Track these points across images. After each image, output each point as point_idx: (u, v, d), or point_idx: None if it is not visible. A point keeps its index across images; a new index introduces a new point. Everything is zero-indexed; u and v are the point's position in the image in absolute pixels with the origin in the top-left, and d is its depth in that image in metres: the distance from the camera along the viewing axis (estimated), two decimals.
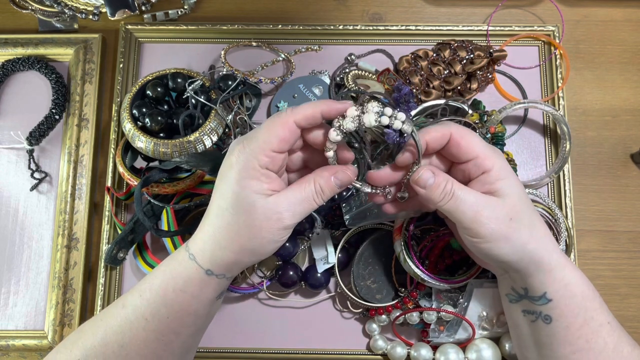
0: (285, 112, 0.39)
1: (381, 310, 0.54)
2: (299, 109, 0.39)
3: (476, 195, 0.40)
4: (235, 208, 0.39)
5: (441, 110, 0.58)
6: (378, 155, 0.58)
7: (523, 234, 0.40)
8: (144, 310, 0.40)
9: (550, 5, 0.65)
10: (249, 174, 0.38)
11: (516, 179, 0.41)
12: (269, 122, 0.39)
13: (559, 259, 0.41)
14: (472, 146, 0.40)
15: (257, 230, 0.38)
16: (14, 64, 0.62)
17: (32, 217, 0.59)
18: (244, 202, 0.38)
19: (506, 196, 0.39)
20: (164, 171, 0.53)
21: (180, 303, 0.40)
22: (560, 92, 0.61)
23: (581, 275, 0.42)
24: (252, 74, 0.60)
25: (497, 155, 0.41)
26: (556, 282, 0.41)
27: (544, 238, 0.41)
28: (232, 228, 0.39)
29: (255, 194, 0.38)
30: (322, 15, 0.66)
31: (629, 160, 0.61)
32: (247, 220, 0.38)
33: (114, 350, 0.40)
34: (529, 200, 0.42)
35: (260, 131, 0.39)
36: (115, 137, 0.60)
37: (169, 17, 0.65)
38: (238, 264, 0.41)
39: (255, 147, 0.38)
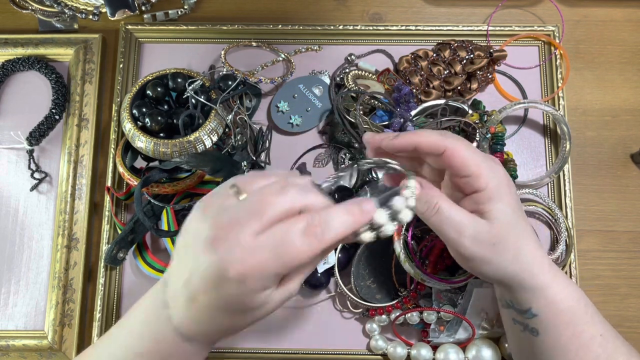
0: (312, 239, 0.30)
1: (381, 310, 0.54)
2: (331, 232, 0.31)
3: (462, 215, 0.38)
4: (241, 316, 0.33)
5: (441, 110, 0.58)
6: None
7: (505, 258, 0.39)
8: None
9: (550, 5, 0.65)
10: (255, 290, 0.31)
11: (510, 199, 0.39)
12: (289, 242, 0.30)
13: (544, 280, 0.40)
14: (466, 163, 0.38)
15: (267, 314, 0.34)
16: (14, 64, 0.62)
17: (32, 217, 0.59)
18: (252, 310, 0.33)
19: (494, 219, 0.38)
20: (164, 171, 0.53)
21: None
22: (560, 92, 0.61)
23: (572, 290, 0.41)
24: (252, 74, 0.60)
25: (492, 173, 0.39)
26: (541, 299, 0.40)
27: (530, 262, 0.40)
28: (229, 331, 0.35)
29: (266, 298, 0.33)
30: (322, 15, 0.66)
31: (629, 160, 0.61)
32: (257, 316, 0.34)
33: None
34: (521, 221, 0.40)
35: (275, 247, 0.30)
36: (115, 137, 0.60)
37: (169, 17, 0.65)
38: (222, 334, 0.36)
39: (264, 266, 0.30)
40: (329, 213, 0.31)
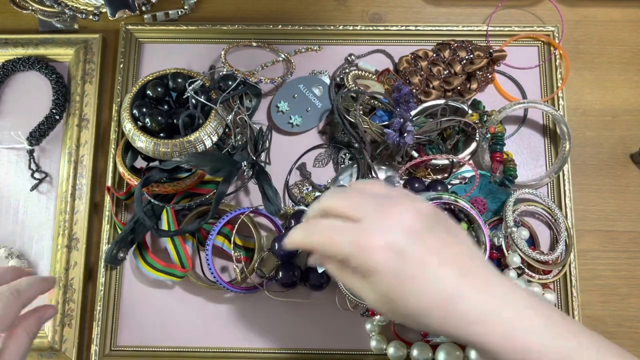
0: (16, 296, 0.41)
1: None
2: (23, 295, 0.42)
3: (357, 284, 0.35)
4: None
5: (441, 110, 0.58)
6: (378, 155, 0.58)
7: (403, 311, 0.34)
8: None
9: (549, 5, 0.65)
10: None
11: (386, 274, 0.33)
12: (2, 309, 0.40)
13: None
14: (335, 253, 0.34)
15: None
16: (15, 64, 0.62)
17: (32, 217, 0.60)
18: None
19: (373, 289, 0.35)
20: (164, 171, 0.53)
21: None
22: (559, 92, 0.61)
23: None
24: (252, 74, 0.60)
25: (363, 249, 0.33)
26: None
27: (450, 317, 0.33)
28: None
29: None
30: (322, 15, 0.66)
31: (628, 160, 0.61)
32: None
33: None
34: (400, 293, 0.34)
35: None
36: (116, 137, 0.60)
37: (169, 17, 0.65)
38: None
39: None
40: (26, 285, 0.44)
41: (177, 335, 0.56)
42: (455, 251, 0.34)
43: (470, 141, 0.58)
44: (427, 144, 0.58)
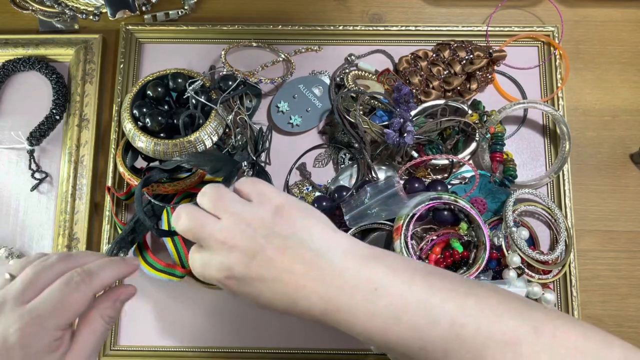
0: (81, 284, 0.36)
1: None
2: (96, 278, 0.37)
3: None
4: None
5: (441, 110, 0.58)
6: (378, 155, 0.58)
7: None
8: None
9: (549, 5, 0.65)
10: (42, 349, 0.34)
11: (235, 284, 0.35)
12: (62, 297, 0.35)
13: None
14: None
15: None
16: (15, 65, 0.62)
17: (32, 217, 0.60)
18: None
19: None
20: (165, 171, 0.53)
21: None
22: (559, 93, 0.61)
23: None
24: (252, 74, 0.60)
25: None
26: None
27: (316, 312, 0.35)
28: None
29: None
30: (322, 16, 0.66)
31: (628, 161, 0.61)
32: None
33: None
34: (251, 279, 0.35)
35: (50, 303, 0.35)
36: (116, 137, 0.60)
37: (169, 17, 0.65)
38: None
39: (45, 323, 0.34)
40: (98, 267, 0.38)
41: (177, 335, 0.56)
42: (299, 239, 0.35)
43: (470, 141, 0.58)
44: (427, 144, 0.58)
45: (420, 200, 0.53)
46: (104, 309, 0.39)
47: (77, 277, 0.36)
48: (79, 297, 0.36)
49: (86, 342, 0.37)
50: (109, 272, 0.38)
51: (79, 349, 0.36)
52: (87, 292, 0.36)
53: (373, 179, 0.58)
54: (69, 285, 0.36)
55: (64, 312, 0.35)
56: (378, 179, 0.57)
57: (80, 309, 0.36)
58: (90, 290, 0.37)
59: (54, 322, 0.34)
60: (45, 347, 0.34)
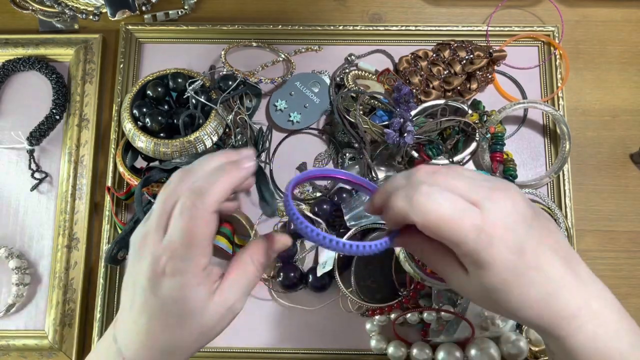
0: (192, 208, 0.32)
1: (381, 310, 0.54)
2: (207, 196, 0.32)
3: (446, 268, 0.34)
4: (180, 324, 0.33)
5: (441, 110, 0.58)
6: (378, 155, 0.58)
7: (508, 307, 0.32)
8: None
9: (549, 5, 0.65)
10: (190, 281, 0.32)
11: (498, 265, 0.31)
12: (183, 226, 0.32)
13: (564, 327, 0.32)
14: (446, 239, 0.31)
15: (211, 331, 0.34)
16: (15, 64, 0.62)
17: (32, 217, 0.60)
18: (191, 315, 0.32)
19: (474, 281, 0.32)
20: (164, 171, 0.53)
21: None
22: (559, 92, 0.61)
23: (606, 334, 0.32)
24: (252, 74, 0.60)
25: (478, 236, 0.30)
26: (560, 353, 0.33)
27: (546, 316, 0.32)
28: (181, 344, 0.33)
29: (202, 302, 0.33)
30: (322, 15, 0.66)
31: (628, 161, 0.61)
32: (197, 328, 0.33)
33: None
34: (513, 278, 0.31)
35: (177, 234, 0.32)
36: (116, 137, 0.60)
37: (169, 17, 0.65)
38: (189, 355, 0.35)
39: (184, 253, 0.32)
40: (206, 181, 0.33)
41: None
42: (556, 238, 0.32)
43: (470, 141, 0.58)
44: (427, 144, 0.58)
45: None
46: (255, 254, 0.35)
47: (188, 202, 0.32)
48: (198, 221, 0.32)
49: (235, 282, 0.34)
50: (220, 184, 0.33)
51: (228, 288, 0.34)
52: (204, 214, 0.32)
53: (373, 179, 0.58)
54: (183, 213, 0.32)
55: (193, 240, 0.32)
56: (378, 179, 0.57)
57: (207, 232, 0.32)
58: (206, 211, 0.32)
59: (191, 252, 0.32)
60: (193, 277, 0.32)
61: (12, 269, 0.56)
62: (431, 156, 0.58)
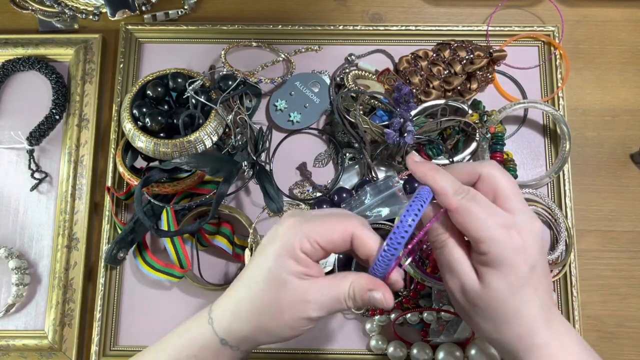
0: (350, 219, 0.37)
1: (381, 311, 0.54)
2: (365, 230, 0.36)
3: (462, 265, 0.36)
4: (265, 283, 0.36)
5: (441, 110, 0.58)
6: (378, 155, 0.58)
7: (491, 326, 0.36)
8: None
9: (550, 5, 0.65)
10: (289, 253, 0.36)
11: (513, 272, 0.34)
12: (331, 218, 0.37)
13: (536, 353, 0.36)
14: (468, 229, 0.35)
15: (279, 312, 0.36)
16: (14, 64, 0.62)
17: (32, 217, 0.59)
18: (275, 279, 0.36)
19: (485, 286, 0.35)
20: (164, 171, 0.53)
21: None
22: (560, 92, 0.61)
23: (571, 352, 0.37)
24: (252, 74, 0.60)
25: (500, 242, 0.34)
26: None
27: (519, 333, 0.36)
28: (256, 303, 0.36)
29: (288, 274, 0.36)
30: (322, 15, 0.66)
31: (628, 160, 0.61)
32: (272, 299, 0.36)
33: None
34: (519, 294, 0.35)
35: (318, 219, 0.37)
36: (116, 137, 0.60)
37: (169, 17, 0.65)
38: (253, 340, 0.38)
39: (306, 231, 0.36)
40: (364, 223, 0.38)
41: None
42: (548, 281, 0.37)
43: (470, 141, 0.58)
44: (427, 144, 0.58)
45: None
46: (357, 282, 0.36)
47: (352, 216, 0.38)
48: (345, 224, 0.36)
49: (325, 286, 0.36)
50: (373, 237, 0.36)
51: (318, 285, 0.36)
52: (349, 226, 0.36)
53: (373, 179, 0.57)
54: (342, 213, 0.38)
55: (325, 230, 0.36)
56: (378, 179, 0.57)
57: (337, 238, 0.36)
58: (354, 227, 0.36)
59: (314, 235, 0.36)
60: (292, 251, 0.36)
61: (12, 269, 0.56)
62: (431, 156, 0.58)
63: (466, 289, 0.36)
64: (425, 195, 0.36)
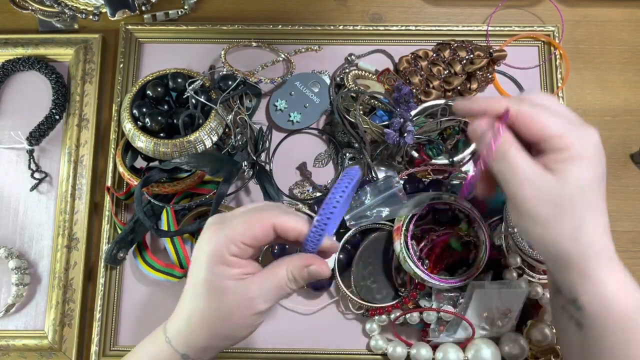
0: (268, 211, 0.38)
1: (381, 310, 0.54)
2: (284, 217, 0.37)
3: (530, 165, 0.36)
4: (207, 293, 0.37)
5: (441, 110, 0.58)
6: (378, 155, 0.58)
7: (562, 227, 0.35)
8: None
9: (550, 5, 0.65)
10: (220, 260, 0.37)
11: (593, 166, 0.36)
12: (249, 215, 0.38)
13: (598, 272, 0.36)
14: (544, 127, 0.36)
15: (228, 317, 0.37)
16: (14, 64, 0.62)
17: (32, 217, 0.59)
18: (215, 288, 0.37)
19: (565, 179, 0.35)
20: (164, 171, 0.53)
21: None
22: (560, 92, 0.61)
23: (631, 289, 0.37)
24: (252, 74, 0.60)
25: (581, 137, 0.36)
26: (589, 293, 0.36)
27: (589, 244, 0.36)
28: (205, 315, 0.37)
29: (225, 280, 0.37)
30: (322, 15, 0.66)
31: (628, 161, 0.61)
32: (218, 307, 0.37)
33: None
34: (596, 195, 0.36)
35: (237, 219, 0.38)
36: (116, 137, 0.60)
37: (169, 17, 0.65)
38: (213, 348, 0.39)
39: (228, 234, 0.37)
40: (290, 211, 0.40)
41: None
42: (603, 191, 0.37)
43: (470, 141, 0.58)
44: (427, 144, 0.58)
45: (420, 200, 0.53)
46: (292, 264, 0.38)
47: (267, 206, 0.39)
48: (263, 217, 0.37)
49: (264, 278, 0.37)
50: (295, 220, 0.37)
51: (254, 281, 0.37)
52: (269, 218, 0.37)
53: (373, 179, 0.57)
54: (257, 208, 0.39)
55: (246, 228, 0.37)
56: (378, 179, 0.57)
57: (260, 233, 0.37)
58: (272, 217, 0.37)
59: (237, 237, 0.37)
60: (222, 257, 0.37)
61: (12, 269, 0.56)
62: (431, 156, 0.58)
63: (542, 185, 0.35)
64: (353, 173, 0.38)
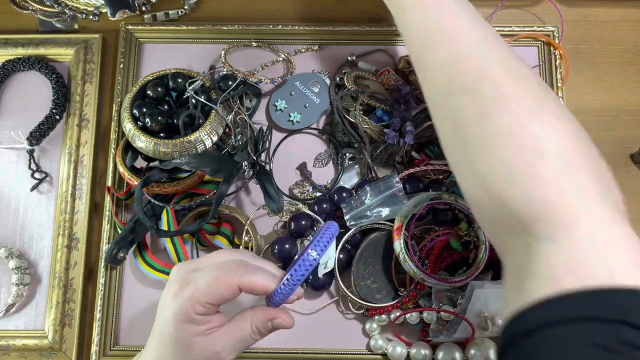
0: (234, 270, 0.38)
1: (381, 310, 0.54)
2: (250, 277, 0.38)
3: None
4: (173, 346, 0.38)
5: None
6: (378, 155, 0.58)
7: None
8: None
9: (549, 5, 0.65)
10: (186, 318, 0.37)
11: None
12: (213, 275, 0.38)
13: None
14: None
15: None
16: (15, 64, 0.62)
17: (32, 217, 0.60)
18: (181, 344, 0.38)
19: None
20: (164, 171, 0.53)
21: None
22: (560, 92, 0.61)
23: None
24: (252, 74, 0.60)
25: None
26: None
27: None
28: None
29: (192, 337, 0.38)
30: (322, 15, 0.66)
31: (628, 161, 0.61)
32: (185, 359, 0.38)
33: None
34: None
35: (202, 279, 0.38)
36: (116, 137, 0.60)
37: (169, 17, 0.65)
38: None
39: (193, 295, 0.37)
40: (256, 268, 0.40)
41: None
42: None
43: None
44: (427, 144, 0.58)
45: (420, 200, 0.53)
46: (257, 318, 0.40)
47: (232, 265, 0.38)
48: (228, 278, 0.37)
49: (229, 333, 0.39)
50: (261, 278, 0.38)
51: (220, 335, 0.39)
52: (235, 278, 0.37)
53: (373, 179, 0.58)
54: (222, 267, 0.38)
55: (211, 290, 0.37)
56: (378, 179, 0.57)
57: (225, 293, 0.37)
58: (237, 277, 0.37)
59: (203, 298, 0.37)
60: (188, 316, 0.37)
61: (12, 269, 0.56)
62: (431, 156, 0.58)
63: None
64: (333, 230, 0.38)
